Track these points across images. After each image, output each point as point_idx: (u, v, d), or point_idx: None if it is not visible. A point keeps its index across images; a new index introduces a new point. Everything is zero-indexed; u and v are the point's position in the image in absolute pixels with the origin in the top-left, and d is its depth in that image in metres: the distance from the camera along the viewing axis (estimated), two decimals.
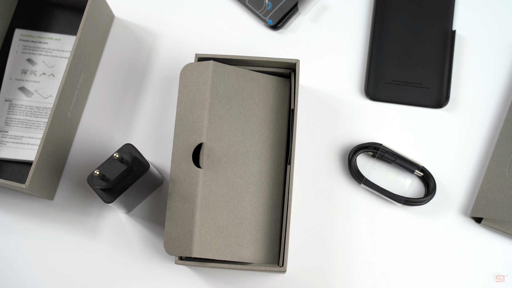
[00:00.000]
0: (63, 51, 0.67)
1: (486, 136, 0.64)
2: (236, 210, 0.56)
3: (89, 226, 0.62)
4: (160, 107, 0.66)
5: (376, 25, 0.67)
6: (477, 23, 0.67)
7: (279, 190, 0.59)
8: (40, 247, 0.62)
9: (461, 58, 0.66)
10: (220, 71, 0.58)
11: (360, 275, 0.60)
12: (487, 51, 0.66)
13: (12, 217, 0.63)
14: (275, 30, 0.68)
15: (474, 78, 0.66)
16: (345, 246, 0.61)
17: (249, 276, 0.61)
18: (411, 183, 0.62)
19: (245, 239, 0.56)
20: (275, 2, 0.67)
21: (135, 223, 0.62)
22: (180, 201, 0.55)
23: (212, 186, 0.55)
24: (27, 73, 0.66)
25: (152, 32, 0.68)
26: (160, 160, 0.64)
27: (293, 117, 0.58)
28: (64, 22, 0.68)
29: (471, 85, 0.65)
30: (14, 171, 0.64)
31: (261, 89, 0.60)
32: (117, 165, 0.54)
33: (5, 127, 0.64)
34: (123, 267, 0.61)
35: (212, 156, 0.56)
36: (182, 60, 0.67)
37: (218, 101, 0.57)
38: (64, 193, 0.63)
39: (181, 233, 0.54)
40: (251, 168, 0.58)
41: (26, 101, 0.65)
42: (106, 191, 0.55)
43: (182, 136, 0.57)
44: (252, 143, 0.58)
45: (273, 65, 0.61)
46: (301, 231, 0.61)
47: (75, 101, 0.63)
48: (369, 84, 0.65)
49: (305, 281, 0.60)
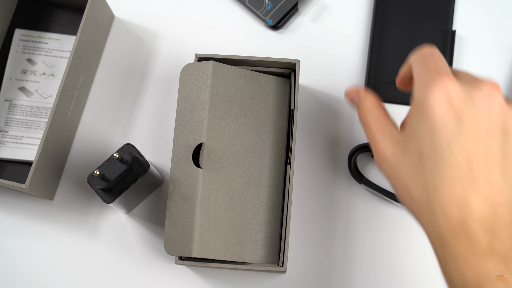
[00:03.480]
0: (63, 51, 0.67)
1: None
2: (236, 210, 0.56)
3: (89, 226, 0.62)
4: (160, 107, 0.66)
5: (375, 25, 0.67)
6: (477, 23, 0.67)
7: (279, 190, 0.59)
8: (40, 247, 0.62)
9: (461, 58, 0.66)
10: (220, 71, 0.58)
11: (360, 275, 0.60)
12: (487, 51, 0.67)
13: (12, 217, 0.63)
14: (275, 30, 0.68)
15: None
16: (345, 246, 0.61)
17: (249, 276, 0.61)
18: None
19: (245, 239, 0.56)
20: (275, 2, 0.67)
21: (135, 223, 0.62)
22: (180, 201, 0.55)
23: (212, 186, 0.55)
24: (27, 73, 0.66)
25: (152, 32, 0.68)
26: (160, 160, 0.64)
27: (293, 117, 0.58)
28: (64, 22, 0.68)
29: None
30: (14, 171, 0.64)
31: (261, 89, 0.60)
32: (117, 165, 0.54)
33: (5, 127, 0.64)
34: (123, 267, 0.61)
35: (212, 156, 0.56)
36: (182, 60, 0.67)
37: (218, 101, 0.57)
38: (64, 193, 0.63)
39: (181, 233, 0.54)
40: (251, 168, 0.58)
41: (26, 101, 0.65)
42: (106, 191, 0.55)
43: (182, 136, 0.57)
44: (252, 143, 0.58)
45: (273, 65, 0.61)
46: (301, 231, 0.61)
47: (75, 101, 0.63)
48: (369, 84, 0.65)
49: (305, 281, 0.60)
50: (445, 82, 0.40)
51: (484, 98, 0.40)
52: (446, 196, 0.39)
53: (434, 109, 0.40)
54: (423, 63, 0.43)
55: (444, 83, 0.40)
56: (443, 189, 0.39)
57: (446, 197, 0.39)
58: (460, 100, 0.40)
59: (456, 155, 0.39)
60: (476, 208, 0.38)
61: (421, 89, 0.41)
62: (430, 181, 0.39)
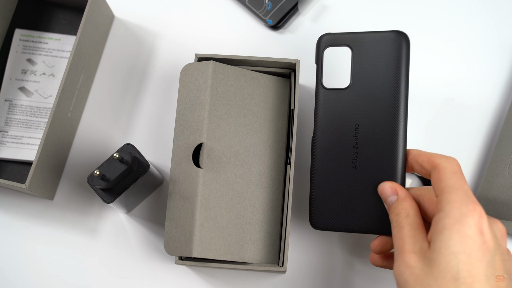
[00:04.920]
0: (63, 51, 0.67)
1: (486, 136, 0.64)
2: (236, 210, 0.56)
3: (89, 226, 0.62)
4: (160, 107, 0.66)
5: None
6: (477, 23, 0.67)
7: (279, 190, 0.59)
8: (40, 247, 0.62)
9: (461, 58, 0.66)
10: (220, 71, 0.58)
11: (360, 275, 0.60)
12: (487, 51, 0.66)
13: (12, 217, 0.63)
14: (275, 30, 0.68)
15: (474, 78, 0.66)
16: (345, 246, 0.61)
17: (249, 276, 0.61)
18: (411, 183, 0.62)
19: (245, 239, 0.56)
20: (275, 2, 0.67)
21: (135, 223, 0.62)
22: (180, 201, 0.55)
23: (212, 186, 0.55)
24: (27, 73, 0.66)
25: (152, 32, 0.68)
26: (160, 160, 0.64)
27: (293, 117, 0.58)
28: (64, 22, 0.68)
29: (471, 85, 0.65)
30: (14, 171, 0.64)
31: (261, 89, 0.60)
32: (117, 165, 0.54)
33: (5, 127, 0.64)
34: (123, 267, 0.61)
35: (212, 156, 0.56)
36: (182, 60, 0.67)
37: (218, 101, 0.57)
38: (64, 193, 0.63)
39: (181, 233, 0.54)
40: (251, 168, 0.58)
41: (26, 101, 0.65)
42: (106, 191, 0.55)
43: (182, 136, 0.57)
44: (252, 143, 0.58)
45: (273, 65, 0.61)
46: (301, 231, 0.61)
47: (75, 101, 0.63)
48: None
49: (305, 281, 0.60)
50: (481, 210, 0.42)
51: (498, 232, 0.43)
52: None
53: (474, 237, 0.41)
54: (459, 179, 0.44)
55: (480, 211, 0.42)
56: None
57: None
58: (489, 231, 0.42)
59: (491, 283, 0.40)
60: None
61: (458, 210, 0.42)
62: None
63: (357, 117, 0.52)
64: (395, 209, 0.46)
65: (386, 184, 0.49)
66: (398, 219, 0.45)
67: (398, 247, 0.44)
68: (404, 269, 0.43)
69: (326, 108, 0.53)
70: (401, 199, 0.47)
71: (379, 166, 0.51)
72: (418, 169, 0.48)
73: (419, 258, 0.42)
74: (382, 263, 0.52)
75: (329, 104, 0.53)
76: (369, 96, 0.52)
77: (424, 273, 0.41)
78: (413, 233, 0.44)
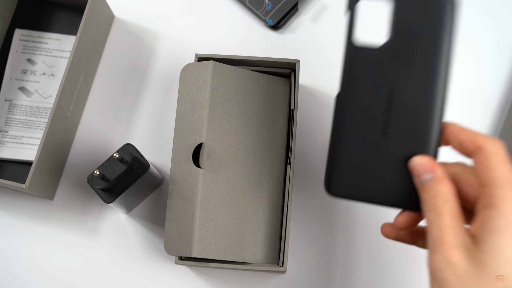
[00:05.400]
0: (63, 51, 0.67)
1: None
2: (236, 210, 0.56)
3: (89, 226, 0.62)
4: (160, 107, 0.66)
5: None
6: (477, 23, 0.67)
7: (279, 190, 0.59)
8: (40, 247, 0.62)
9: (462, 58, 0.66)
10: (220, 71, 0.58)
11: (360, 275, 0.60)
12: (487, 51, 0.67)
13: (12, 217, 0.63)
14: (275, 30, 0.68)
15: (474, 78, 0.66)
16: (345, 246, 0.61)
17: (249, 276, 0.61)
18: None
19: (245, 239, 0.56)
20: (275, 2, 0.67)
21: (135, 223, 0.62)
22: (180, 201, 0.55)
23: (212, 186, 0.55)
24: (27, 73, 0.66)
25: (152, 32, 0.68)
26: (160, 160, 0.64)
27: (293, 117, 0.58)
28: (64, 22, 0.68)
29: (470, 85, 0.65)
30: (14, 171, 0.64)
31: (261, 89, 0.60)
32: (117, 165, 0.54)
33: (5, 127, 0.64)
34: (123, 267, 0.61)
35: (212, 156, 0.56)
36: (182, 60, 0.67)
37: (218, 101, 0.57)
38: (64, 193, 0.63)
39: (181, 233, 0.54)
40: (251, 168, 0.58)
41: (26, 101, 0.65)
42: (106, 191, 0.55)
43: (182, 136, 0.57)
44: (252, 143, 0.58)
45: (273, 65, 0.61)
46: (301, 231, 0.61)
47: (75, 101, 0.63)
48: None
49: (305, 281, 0.60)
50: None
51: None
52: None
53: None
54: (511, 171, 0.38)
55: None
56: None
57: None
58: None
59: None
60: None
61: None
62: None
63: (391, 81, 0.46)
64: (431, 190, 0.41)
65: (422, 158, 0.42)
66: (435, 202, 0.40)
67: (436, 237, 0.39)
68: (445, 266, 0.38)
69: (355, 67, 0.47)
70: (439, 179, 0.41)
71: (412, 136, 0.45)
72: (456, 146, 0.42)
73: (463, 256, 0.38)
74: (397, 237, 0.47)
75: (360, 64, 0.47)
76: (407, 58, 0.46)
77: (470, 276, 0.37)
78: (454, 223, 0.39)
